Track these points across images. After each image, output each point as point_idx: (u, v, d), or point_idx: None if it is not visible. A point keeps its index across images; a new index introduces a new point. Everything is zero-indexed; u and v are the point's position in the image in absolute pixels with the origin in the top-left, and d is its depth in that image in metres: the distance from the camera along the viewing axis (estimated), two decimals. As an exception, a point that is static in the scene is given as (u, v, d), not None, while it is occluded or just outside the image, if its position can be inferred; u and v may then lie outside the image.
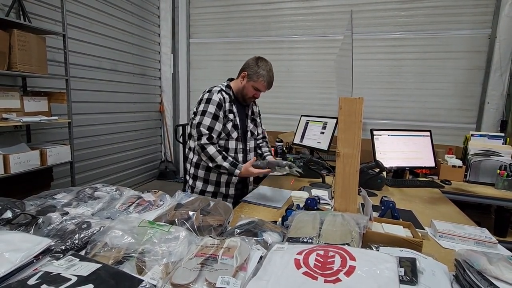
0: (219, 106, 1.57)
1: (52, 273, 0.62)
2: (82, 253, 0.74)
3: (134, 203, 1.09)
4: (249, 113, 1.78)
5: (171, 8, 3.64)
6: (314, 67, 3.28)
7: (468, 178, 2.23)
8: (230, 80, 1.74)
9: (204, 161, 1.60)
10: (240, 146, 1.70)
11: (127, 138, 3.27)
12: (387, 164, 2.06)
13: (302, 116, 2.94)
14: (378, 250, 0.84)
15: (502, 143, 2.31)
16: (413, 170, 2.30)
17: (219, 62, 3.69)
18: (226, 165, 1.53)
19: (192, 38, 3.74)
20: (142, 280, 0.62)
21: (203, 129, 1.53)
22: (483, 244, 1.04)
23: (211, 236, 0.84)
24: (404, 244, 0.88)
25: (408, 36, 2.97)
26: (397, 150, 2.22)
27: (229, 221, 1.03)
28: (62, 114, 2.27)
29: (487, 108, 2.76)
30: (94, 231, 0.84)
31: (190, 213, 0.96)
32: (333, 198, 1.10)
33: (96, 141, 2.85)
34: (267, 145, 1.93)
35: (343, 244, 0.78)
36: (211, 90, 1.61)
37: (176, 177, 4.06)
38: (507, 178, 2.03)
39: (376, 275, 0.62)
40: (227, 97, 1.63)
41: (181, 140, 3.18)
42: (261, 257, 0.74)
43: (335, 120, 2.49)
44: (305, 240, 0.83)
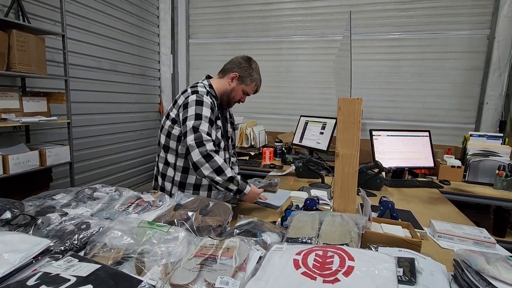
0: (212, 111, 1.33)
1: (51, 274, 0.62)
2: (81, 254, 0.74)
3: (134, 204, 1.09)
4: (228, 116, 1.57)
5: (171, 9, 3.64)
6: (313, 68, 3.28)
7: (467, 178, 2.24)
8: (208, 78, 1.52)
9: (201, 177, 1.23)
10: (227, 156, 1.49)
11: (127, 139, 3.27)
12: (386, 164, 2.07)
13: (302, 117, 2.95)
14: (377, 250, 0.85)
15: (501, 143, 2.32)
16: (412, 170, 2.31)
17: (219, 63, 3.63)
18: (239, 179, 1.25)
19: (192, 39, 3.74)
20: (141, 281, 0.62)
21: (204, 135, 1.23)
22: (482, 244, 1.04)
23: (210, 237, 0.84)
24: (403, 244, 0.88)
25: (407, 37, 2.97)
26: (396, 150, 2.22)
27: (228, 222, 1.03)
28: (61, 115, 2.26)
29: (486, 109, 2.76)
30: (93, 232, 0.84)
31: (189, 214, 0.97)
32: (332, 199, 1.11)
33: (96, 142, 2.84)
34: (235, 157, 1.70)
35: (342, 245, 0.78)
36: (198, 91, 1.36)
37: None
38: (506, 178, 2.04)
39: (375, 275, 0.62)
40: (214, 101, 1.41)
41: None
42: (260, 257, 0.74)
43: (334, 121, 2.50)
44: (304, 241, 0.83)
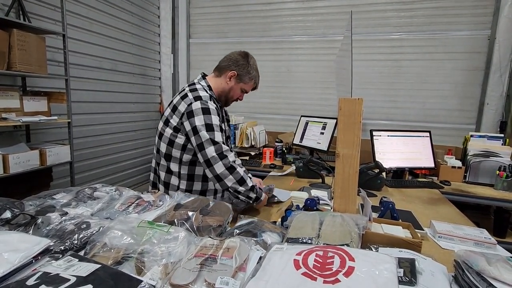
0: (219, 116, 1.31)
1: (51, 274, 0.62)
2: (81, 254, 0.74)
3: (134, 204, 1.09)
4: (224, 114, 1.52)
5: (171, 8, 3.64)
6: (314, 68, 3.28)
7: (468, 179, 2.24)
8: (204, 77, 1.46)
9: (224, 188, 1.23)
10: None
11: (127, 138, 3.27)
12: (387, 165, 2.07)
13: (302, 117, 2.94)
14: (377, 251, 0.84)
15: (502, 144, 2.31)
16: (413, 171, 2.31)
17: (219, 63, 3.69)
18: (257, 187, 1.28)
19: (192, 38, 3.74)
20: (141, 281, 0.62)
21: (224, 146, 1.23)
22: (482, 245, 1.04)
23: (211, 237, 0.84)
24: (403, 245, 0.88)
25: (408, 37, 2.97)
26: (397, 151, 2.22)
27: (229, 222, 1.03)
28: (62, 114, 2.27)
29: (487, 109, 2.76)
30: (93, 232, 0.83)
31: (190, 214, 0.96)
32: (333, 199, 1.10)
33: (96, 141, 2.84)
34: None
35: (343, 245, 0.78)
36: (201, 98, 1.29)
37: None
38: (506, 179, 2.04)
39: (375, 276, 0.62)
40: (218, 105, 1.37)
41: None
42: (261, 258, 0.74)
43: (335, 121, 2.50)
44: (305, 241, 0.83)
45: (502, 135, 2.41)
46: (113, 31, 2.95)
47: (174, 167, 1.36)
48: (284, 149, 2.77)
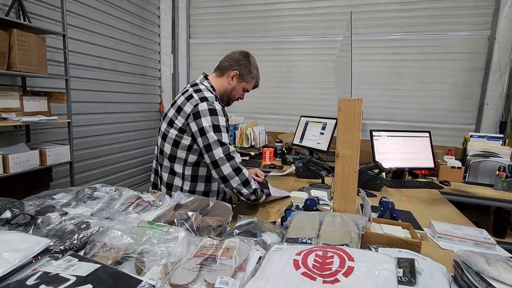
0: (224, 116, 1.32)
1: (51, 273, 0.62)
2: (81, 254, 0.74)
3: (134, 204, 1.09)
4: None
5: (171, 9, 3.64)
6: (314, 68, 3.28)
7: (467, 179, 2.24)
8: (206, 77, 1.45)
9: (229, 188, 1.25)
10: None
11: (127, 138, 3.27)
12: (386, 165, 2.07)
13: (302, 117, 2.95)
14: (377, 251, 0.84)
15: (501, 144, 2.31)
16: (412, 171, 2.31)
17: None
18: (259, 190, 1.31)
19: (192, 39, 3.74)
20: (141, 281, 0.62)
21: (231, 147, 1.25)
22: (482, 245, 1.04)
23: (210, 237, 0.84)
24: (403, 245, 0.88)
25: (408, 37, 2.97)
26: (397, 151, 2.22)
27: (228, 222, 1.03)
28: (62, 114, 2.27)
29: (486, 109, 2.76)
30: (93, 231, 0.84)
31: (189, 214, 0.96)
32: (332, 199, 1.11)
33: (96, 141, 2.84)
34: None
35: (342, 245, 0.78)
36: (207, 99, 1.28)
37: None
38: (506, 179, 2.04)
39: (375, 276, 0.62)
40: (222, 106, 1.39)
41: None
42: (260, 258, 0.74)
43: (335, 121, 2.50)
44: (304, 241, 0.83)
45: (502, 136, 2.41)
46: (113, 31, 2.95)
47: (178, 168, 1.35)
48: (284, 149, 2.77)
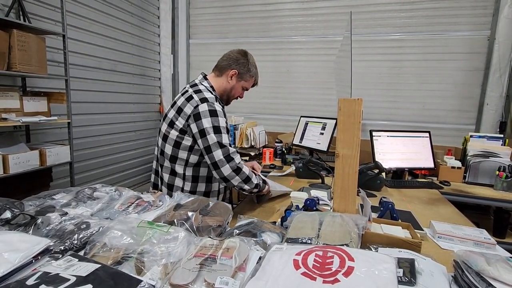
0: (224, 117, 1.32)
1: (51, 273, 0.62)
2: (81, 254, 0.74)
3: (133, 204, 1.09)
4: None
5: (171, 9, 3.64)
6: (314, 68, 3.28)
7: (467, 179, 2.24)
8: (205, 77, 1.44)
9: (231, 186, 1.30)
10: None
11: (127, 139, 3.27)
12: (386, 165, 2.07)
13: (302, 117, 2.95)
14: (377, 251, 0.84)
15: (501, 144, 2.31)
16: (412, 171, 2.31)
17: (219, 63, 3.69)
18: (261, 183, 1.35)
19: (192, 39, 3.74)
20: (141, 281, 0.62)
21: (231, 148, 1.26)
22: (482, 245, 1.04)
23: (210, 237, 0.84)
24: (403, 245, 0.88)
25: (407, 37, 2.97)
26: (396, 151, 2.22)
27: (228, 222, 1.03)
28: (62, 114, 2.27)
29: (486, 110, 2.76)
30: (93, 232, 0.84)
31: (189, 214, 0.96)
32: (332, 199, 1.11)
33: (96, 142, 2.84)
34: None
35: (342, 245, 0.78)
36: (207, 100, 1.28)
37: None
38: (506, 179, 2.04)
39: (375, 276, 0.62)
40: (222, 104, 1.39)
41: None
42: (260, 258, 0.74)
43: (335, 121, 2.50)
44: (304, 241, 0.83)
45: (502, 136, 2.41)
46: (113, 32, 2.95)
47: (179, 169, 1.35)
48: (284, 150, 2.77)
